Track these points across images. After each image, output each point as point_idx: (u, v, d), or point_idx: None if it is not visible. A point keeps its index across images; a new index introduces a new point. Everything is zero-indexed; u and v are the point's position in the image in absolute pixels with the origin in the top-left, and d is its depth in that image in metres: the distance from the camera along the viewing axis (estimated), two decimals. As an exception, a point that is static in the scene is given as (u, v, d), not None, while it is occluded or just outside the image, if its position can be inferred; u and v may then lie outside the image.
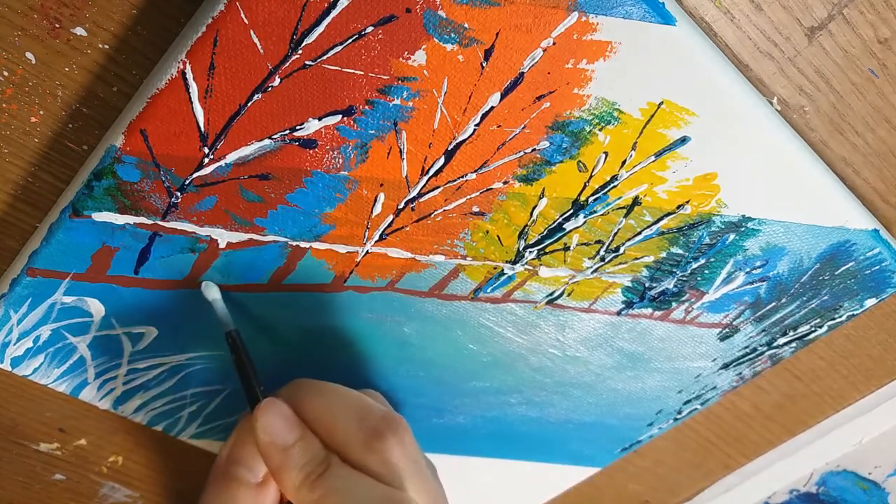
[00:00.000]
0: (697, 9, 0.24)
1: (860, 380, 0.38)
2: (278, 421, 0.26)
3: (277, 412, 0.26)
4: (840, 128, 0.27)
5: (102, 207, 0.24)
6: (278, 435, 0.26)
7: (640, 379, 0.35)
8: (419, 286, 0.29)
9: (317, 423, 0.27)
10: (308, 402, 0.27)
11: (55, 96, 0.24)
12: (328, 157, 0.24)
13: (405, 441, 0.27)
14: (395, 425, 0.27)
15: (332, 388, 0.28)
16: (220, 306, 0.28)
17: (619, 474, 0.43)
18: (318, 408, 0.27)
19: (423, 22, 0.21)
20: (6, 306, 0.26)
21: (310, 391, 0.28)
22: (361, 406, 0.27)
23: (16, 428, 0.32)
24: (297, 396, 0.28)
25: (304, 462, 0.26)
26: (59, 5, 0.22)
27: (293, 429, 0.26)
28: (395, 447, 0.26)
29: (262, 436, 0.26)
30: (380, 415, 0.27)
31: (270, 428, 0.26)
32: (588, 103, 0.24)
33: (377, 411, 0.27)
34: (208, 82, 0.22)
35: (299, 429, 0.26)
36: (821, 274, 0.30)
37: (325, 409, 0.27)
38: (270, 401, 0.27)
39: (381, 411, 0.27)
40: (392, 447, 0.26)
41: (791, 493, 0.44)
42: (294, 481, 0.25)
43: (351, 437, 0.26)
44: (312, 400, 0.27)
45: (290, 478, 0.26)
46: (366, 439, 0.26)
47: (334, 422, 0.27)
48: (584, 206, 0.27)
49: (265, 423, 0.26)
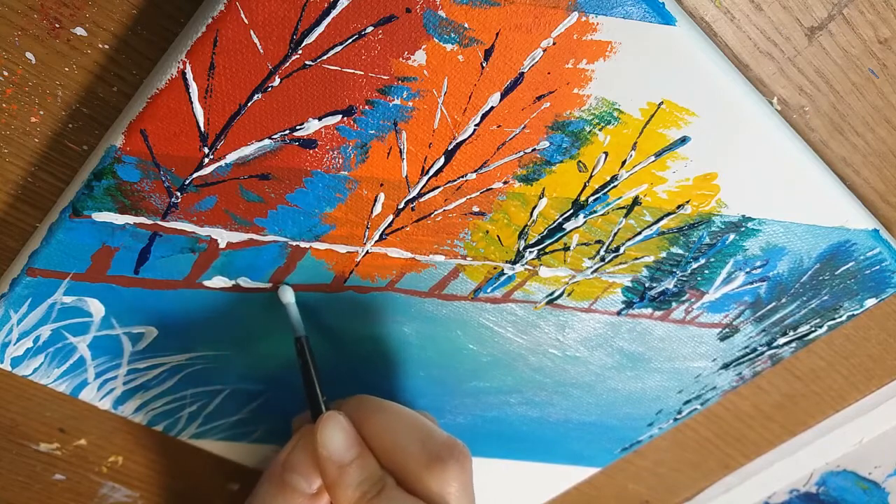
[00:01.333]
0: (697, 9, 0.24)
1: (860, 380, 0.38)
2: (338, 437, 0.26)
3: (338, 427, 0.27)
4: (840, 128, 0.27)
5: (102, 207, 0.24)
6: (336, 451, 0.26)
7: (640, 379, 0.35)
8: (419, 286, 0.29)
9: (378, 441, 0.27)
10: (371, 419, 0.27)
11: (55, 96, 0.24)
12: (328, 157, 0.24)
13: (466, 469, 0.27)
14: (458, 452, 0.27)
15: (395, 407, 0.28)
16: (294, 311, 0.28)
17: (619, 474, 0.43)
18: (380, 426, 0.27)
19: (423, 22, 0.21)
20: (6, 306, 0.26)
21: (373, 408, 0.28)
22: (425, 429, 0.27)
23: (16, 428, 0.32)
24: (360, 412, 0.28)
25: (360, 480, 0.26)
26: (58, 5, 0.22)
27: (352, 446, 0.26)
28: (456, 475, 0.26)
29: (322, 450, 0.26)
30: (443, 439, 0.27)
31: (330, 443, 0.26)
32: (588, 103, 0.24)
33: (441, 436, 0.27)
34: (208, 82, 0.22)
35: (358, 447, 0.27)
36: (821, 274, 0.30)
37: (387, 428, 0.27)
38: (332, 415, 0.27)
39: (444, 436, 0.27)
40: (454, 474, 0.26)
41: (791, 493, 0.44)
42: (349, 499, 0.26)
43: (412, 459, 0.26)
44: (375, 417, 0.27)
45: (345, 496, 0.26)
46: (428, 463, 0.26)
47: (396, 442, 0.27)
48: (584, 206, 0.27)
49: (325, 438, 0.26)
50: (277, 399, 0.34)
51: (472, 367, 0.33)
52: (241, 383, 0.32)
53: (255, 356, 0.31)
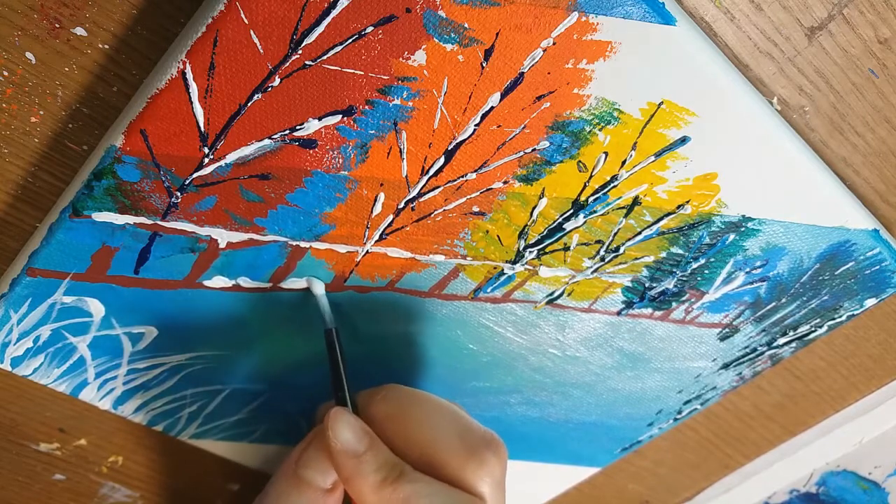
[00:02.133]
0: (697, 9, 0.24)
1: (860, 380, 0.38)
2: (348, 429, 0.27)
3: (347, 420, 0.27)
4: (840, 128, 0.27)
5: (102, 207, 0.24)
6: (349, 442, 0.26)
7: (640, 379, 0.35)
8: (419, 286, 0.29)
9: (414, 434, 0.27)
10: (407, 412, 0.28)
11: (55, 96, 0.24)
12: (328, 156, 0.24)
13: (502, 463, 0.27)
14: (496, 445, 0.27)
15: (430, 398, 0.28)
16: (324, 302, 0.28)
17: (619, 474, 0.43)
18: (416, 419, 0.27)
19: (423, 22, 0.21)
20: (6, 306, 0.26)
21: (408, 400, 0.28)
22: (462, 421, 0.27)
23: (16, 428, 0.32)
24: (394, 404, 0.28)
25: (377, 467, 0.26)
26: (58, 5, 0.22)
27: (363, 437, 0.27)
28: (493, 468, 0.26)
29: (334, 443, 0.26)
30: (481, 432, 0.27)
31: (342, 435, 0.27)
32: (588, 103, 0.24)
33: (478, 428, 0.27)
34: (208, 82, 0.22)
35: (368, 437, 0.27)
36: (821, 274, 0.30)
37: (423, 421, 0.27)
38: (339, 410, 0.27)
39: (481, 429, 0.27)
40: (491, 468, 0.26)
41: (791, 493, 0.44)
42: (372, 484, 0.26)
43: (450, 453, 0.26)
44: (412, 410, 0.28)
45: (366, 483, 0.26)
46: (466, 456, 0.26)
47: (434, 436, 0.27)
48: (584, 205, 0.27)
49: (337, 431, 0.27)
50: (277, 399, 0.34)
51: (472, 367, 0.33)
52: (241, 383, 0.32)
53: (255, 356, 0.31)
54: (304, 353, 0.32)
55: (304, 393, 0.33)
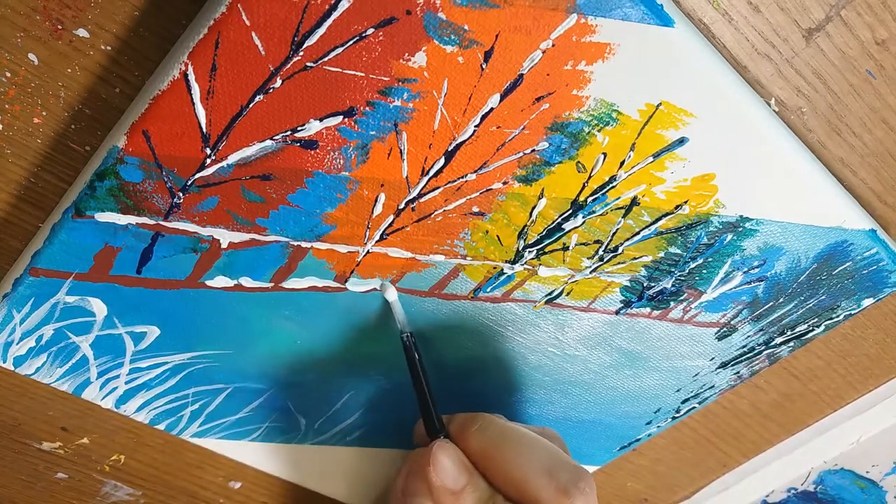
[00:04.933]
0: (696, 10, 0.24)
1: (858, 379, 0.38)
2: (451, 465, 0.28)
3: (450, 456, 0.28)
4: (837, 128, 0.27)
5: (105, 208, 0.24)
6: (449, 479, 0.27)
7: (638, 378, 0.35)
8: (419, 286, 0.29)
9: (504, 473, 0.28)
10: (499, 450, 0.28)
11: (58, 97, 0.24)
12: (329, 157, 0.24)
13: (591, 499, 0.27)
14: (584, 484, 0.27)
15: (525, 435, 0.29)
16: (399, 308, 0.29)
17: (618, 472, 0.43)
18: (507, 457, 0.28)
19: (423, 24, 0.22)
20: (9, 306, 0.27)
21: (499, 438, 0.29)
22: (552, 458, 0.28)
23: (18, 427, 0.32)
24: (484, 441, 0.29)
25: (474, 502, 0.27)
26: (61, 7, 0.22)
27: (462, 472, 0.28)
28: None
29: (434, 479, 0.27)
30: (570, 470, 0.27)
31: (442, 472, 0.28)
32: (587, 104, 0.24)
33: (567, 465, 0.28)
34: (210, 83, 0.22)
35: (468, 473, 0.28)
36: (818, 274, 0.30)
37: (514, 460, 0.28)
38: (442, 445, 0.28)
39: (571, 465, 0.28)
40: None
41: (789, 491, 0.44)
42: None
43: (539, 491, 0.27)
44: (504, 448, 0.28)
45: None
46: (557, 494, 0.27)
47: (524, 476, 0.27)
48: (583, 206, 0.27)
49: (438, 468, 0.28)
50: (279, 398, 0.34)
51: (471, 366, 0.33)
52: (242, 382, 0.32)
53: (257, 355, 0.31)
54: (305, 352, 0.32)
55: (305, 391, 0.33)
